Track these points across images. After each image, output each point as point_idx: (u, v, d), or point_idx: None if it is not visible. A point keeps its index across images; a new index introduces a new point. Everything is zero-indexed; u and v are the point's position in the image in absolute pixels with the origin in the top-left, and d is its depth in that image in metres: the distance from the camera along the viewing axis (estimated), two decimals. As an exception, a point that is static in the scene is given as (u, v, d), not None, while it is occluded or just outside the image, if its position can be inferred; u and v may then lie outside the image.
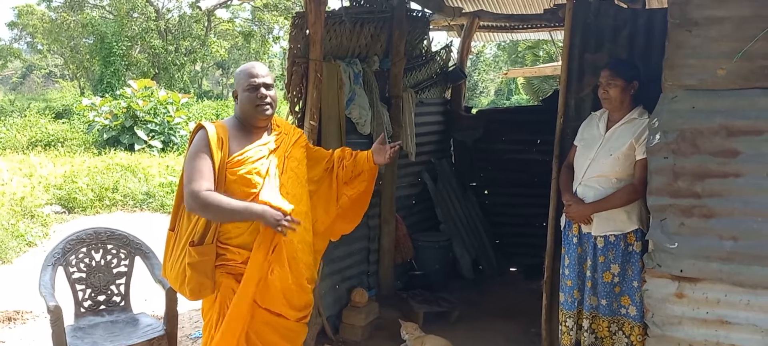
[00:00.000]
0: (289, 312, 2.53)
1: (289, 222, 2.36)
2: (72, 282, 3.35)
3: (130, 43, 23.21)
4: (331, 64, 4.02)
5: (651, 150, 2.75)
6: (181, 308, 3.40)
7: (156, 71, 24.20)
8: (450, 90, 6.04)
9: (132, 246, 3.49)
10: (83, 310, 3.36)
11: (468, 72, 7.37)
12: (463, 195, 5.85)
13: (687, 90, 2.68)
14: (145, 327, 3.27)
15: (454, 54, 6.06)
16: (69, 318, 3.12)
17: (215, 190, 2.37)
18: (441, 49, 5.83)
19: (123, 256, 3.48)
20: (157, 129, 14.80)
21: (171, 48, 24.98)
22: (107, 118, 14.89)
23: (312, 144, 3.02)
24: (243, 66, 2.59)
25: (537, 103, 13.74)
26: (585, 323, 3.16)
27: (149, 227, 7.24)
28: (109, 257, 3.45)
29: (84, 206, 8.86)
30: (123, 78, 21.54)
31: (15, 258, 6.52)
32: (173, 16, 26.53)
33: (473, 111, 6.53)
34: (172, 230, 2.58)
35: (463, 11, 5.88)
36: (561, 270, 3.26)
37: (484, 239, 5.79)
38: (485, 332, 4.29)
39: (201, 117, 17.15)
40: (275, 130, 2.62)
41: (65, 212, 8.73)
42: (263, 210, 2.35)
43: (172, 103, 15.62)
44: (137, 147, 14.11)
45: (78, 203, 8.87)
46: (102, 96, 17.48)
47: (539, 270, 3.85)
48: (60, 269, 3.29)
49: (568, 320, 3.20)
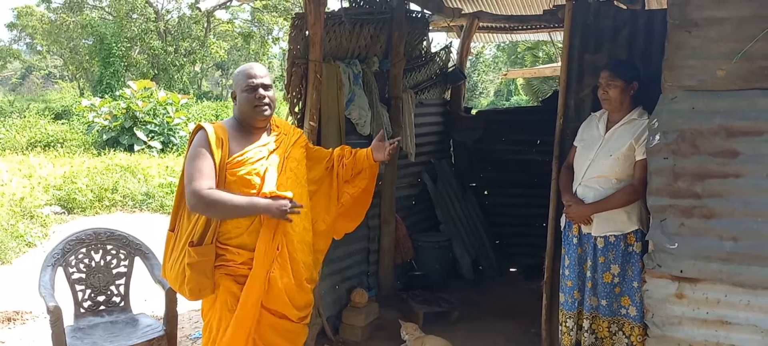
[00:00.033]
0: (292, 312, 2.54)
1: (292, 207, 2.41)
2: (72, 283, 3.34)
3: (129, 44, 23.22)
4: (331, 65, 4.03)
5: (651, 151, 2.75)
6: (181, 308, 3.41)
7: (155, 72, 24.22)
8: (449, 91, 6.05)
9: (131, 247, 3.49)
10: (83, 310, 3.36)
11: (467, 73, 7.37)
12: (463, 195, 5.85)
13: (687, 91, 2.68)
14: (145, 328, 3.27)
15: (453, 55, 6.06)
16: (69, 319, 3.12)
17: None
18: (440, 50, 5.84)
19: (123, 256, 3.48)
20: (157, 130, 14.81)
21: (170, 49, 25.00)
22: (107, 119, 14.89)
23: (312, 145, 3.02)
24: (241, 67, 2.59)
25: (537, 104, 13.73)
26: (585, 324, 3.16)
27: (149, 228, 7.24)
28: (109, 258, 3.45)
29: (83, 206, 8.86)
30: (122, 79, 21.55)
31: (14, 259, 6.51)
32: (173, 17, 26.56)
33: (473, 112, 6.54)
34: (171, 230, 2.58)
35: (463, 12, 5.87)
36: (561, 271, 3.26)
37: (484, 240, 5.79)
38: (485, 332, 4.29)
39: (200, 118, 17.15)
40: (274, 130, 2.62)
41: (65, 212, 8.73)
42: (268, 203, 2.38)
43: (171, 104, 15.62)
44: (137, 148, 14.11)
45: (77, 204, 8.87)
46: (101, 97, 17.50)
47: (539, 270, 3.86)
48: (60, 270, 3.29)
49: (568, 320, 3.20)
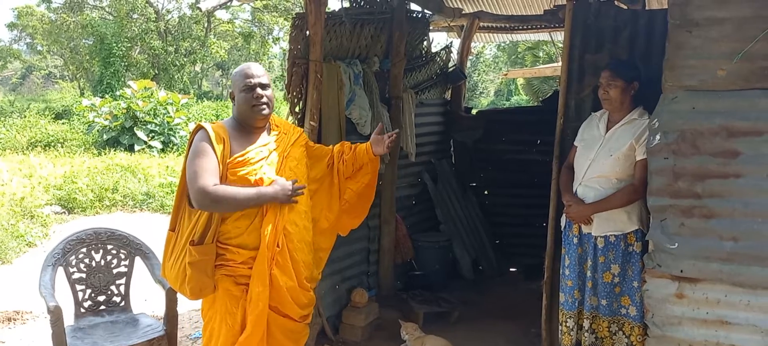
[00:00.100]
0: (294, 310, 2.54)
1: (295, 189, 2.48)
2: (72, 282, 3.35)
3: (129, 44, 23.22)
4: (331, 64, 4.03)
5: (651, 151, 2.75)
6: (181, 308, 3.41)
7: (156, 72, 24.22)
8: (450, 91, 6.04)
9: (132, 246, 3.50)
10: (83, 310, 3.36)
11: (468, 73, 7.37)
12: (463, 195, 5.85)
13: (687, 91, 2.68)
14: (145, 327, 3.27)
15: (454, 55, 6.06)
16: (69, 318, 3.12)
17: None
18: (441, 50, 5.84)
19: (123, 256, 3.48)
20: (157, 130, 14.81)
21: (171, 49, 24.99)
22: (107, 118, 14.90)
23: (312, 144, 3.02)
24: (239, 67, 2.59)
25: (537, 104, 13.73)
26: (585, 324, 3.16)
27: (149, 228, 7.24)
28: (109, 258, 3.46)
29: (84, 206, 8.86)
30: (123, 79, 21.55)
31: (15, 258, 6.52)
32: (173, 17, 26.56)
33: (473, 112, 6.53)
34: (172, 230, 2.58)
35: (463, 12, 5.88)
36: (561, 270, 3.26)
37: (484, 240, 5.79)
38: (485, 332, 4.29)
39: (201, 118, 17.15)
40: (274, 130, 2.63)
41: (65, 212, 8.73)
42: (275, 191, 2.44)
43: (171, 104, 15.63)
44: (137, 148, 14.11)
45: (78, 204, 8.87)
46: (102, 97, 17.49)
47: (539, 270, 3.85)
48: (60, 270, 3.29)
49: (568, 320, 3.20)
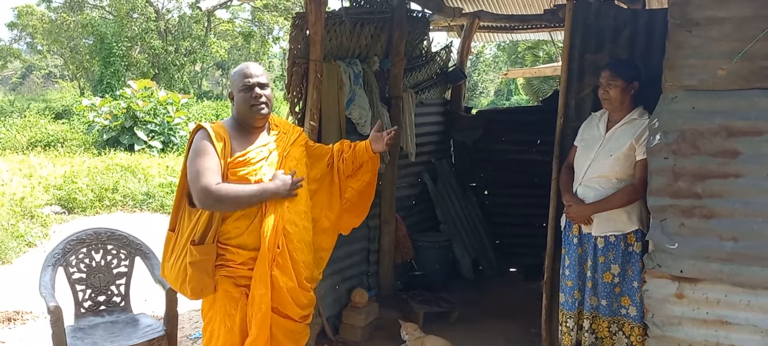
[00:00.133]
0: (295, 311, 2.54)
1: (294, 183, 2.51)
2: (72, 283, 3.35)
3: (129, 44, 23.20)
4: (332, 64, 4.02)
5: (651, 150, 2.75)
6: (181, 308, 3.41)
7: (156, 72, 24.20)
8: (450, 90, 6.04)
9: (132, 246, 3.49)
10: (83, 310, 3.36)
11: (468, 72, 7.37)
12: (463, 195, 5.85)
13: (687, 90, 2.68)
14: (145, 328, 3.27)
15: (454, 54, 6.06)
16: (69, 319, 3.13)
17: None
18: (441, 50, 5.84)
19: (123, 256, 3.48)
20: (157, 129, 14.81)
21: (171, 48, 24.98)
22: (107, 118, 14.89)
23: (312, 143, 3.02)
24: (237, 67, 2.59)
25: (537, 104, 13.74)
26: (585, 324, 3.16)
27: (149, 228, 7.24)
28: (109, 258, 3.45)
29: (84, 206, 8.86)
30: (123, 78, 21.54)
31: (15, 258, 6.52)
32: (173, 16, 26.54)
33: (473, 111, 6.53)
34: (172, 230, 2.58)
35: (463, 12, 5.88)
36: (561, 271, 3.26)
37: (484, 240, 5.79)
38: (485, 332, 4.29)
39: (201, 117, 17.15)
40: (274, 129, 2.63)
41: (65, 212, 8.73)
42: (277, 186, 2.46)
43: (171, 104, 15.63)
44: (137, 147, 14.11)
45: (78, 204, 8.87)
46: (102, 96, 17.48)
47: (539, 270, 3.85)
48: (60, 270, 3.29)
49: (568, 320, 3.20)
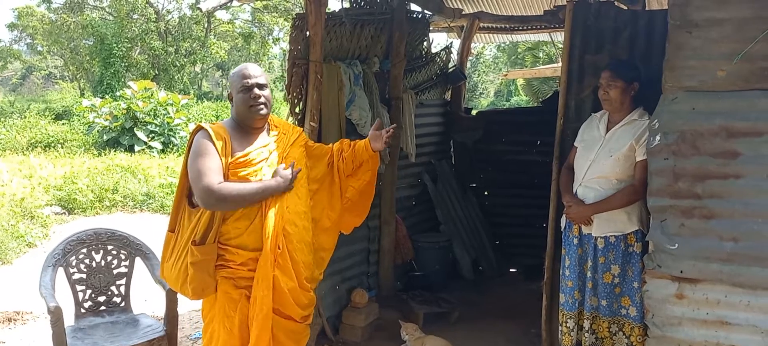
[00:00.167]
0: (296, 311, 2.55)
1: (294, 175, 2.54)
2: (72, 283, 3.35)
3: (130, 45, 23.22)
4: (332, 65, 4.03)
5: (651, 151, 2.75)
6: (181, 308, 3.41)
7: (156, 72, 24.22)
8: (450, 91, 6.05)
9: (132, 247, 3.50)
10: (83, 311, 3.36)
11: (468, 73, 7.37)
12: (463, 196, 5.85)
13: (687, 91, 2.68)
14: (146, 328, 3.27)
15: (454, 55, 6.06)
16: (69, 319, 3.13)
17: None
18: (441, 51, 5.84)
19: (123, 257, 3.48)
20: (157, 130, 14.82)
21: (171, 49, 25.00)
22: (107, 119, 14.90)
23: (312, 144, 3.02)
24: (236, 68, 2.60)
25: (537, 105, 13.73)
26: (586, 324, 3.16)
27: (149, 228, 7.24)
28: (110, 258, 3.46)
29: (84, 207, 8.86)
30: (123, 79, 21.57)
31: (15, 259, 6.52)
32: (173, 17, 26.57)
33: (473, 112, 6.54)
34: (171, 231, 2.58)
35: (463, 13, 5.88)
36: (561, 271, 3.27)
37: (484, 240, 5.79)
38: (485, 332, 4.29)
39: (201, 118, 17.17)
40: (273, 130, 2.64)
41: (65, 213, 8.73)
42: (278, 182, 2.48)
43: (172, 105, 15.63)
44: (137, 148, 14.12)
45: (78, 204, 8.87)
46: (102, 97, 17.50)
47: (539, 271, 3.86)
48: (60, 270, 3.29)
49: (569, 320, 3.20)
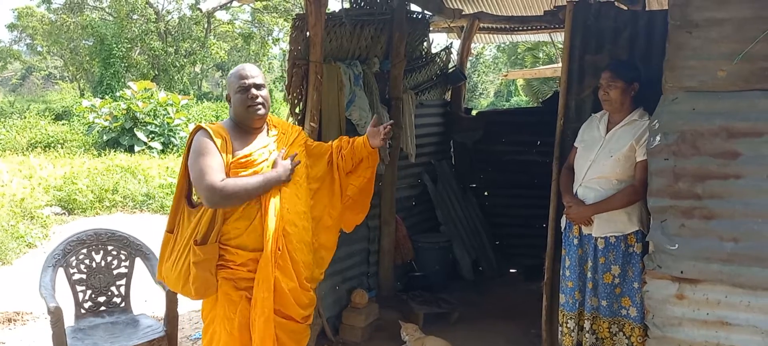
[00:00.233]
0: (297, 311, 2.55)
1: (294, 166, 2.54)
2: (72, 283, 3.34)
3: (129, 45, 23.22)
4: (332, 65, 4.03)
5: (651, 152, 2.75)
6: (181, 309, 3.41)
7: (156, 73, 24.22)
8: (450, 92, 6.05)
9: (132, 247, 3.49)
10: (83, 311, 3.36)
11: (468, 74, 7.37)
12: (463, 196, 5.85)
13: (687, 92, 2.68)
14: (146, 328, 3.27)
15: (454, 56, 6.06)
16: (69, 319, 3.12)
17: None
18: (441, 51, 5.84)
19: (123, 257, 3.48)
20: (157, 131, 14.83)
21: (171, 50, 24.99)
22: (107, 119, 14.91)
23: (311, 143, 3.02)
24: (233, 69, 2.61)
25: (537, 105, 13.74)
26: (586, 324, 3.16)
27: (149, 229, 7.23)
28: (110, 259, 3.45)
29: (84, 207, 8.86)
30: (123, 80, 21.57)
31: (15, 259, 6.52)
32: (173, 17, 26.57)
33: (473, 112, 6.54)
34: (170, 232, 2.58)
35: (463, 13, 5.88)
36: (562, 272, 3.27)
37: (484, 240, 5.79)
38: (485, 333, 4.29)
39: (201, 119, 17.17)
40: (273, 130, 2.63)
41: (65, 213, 8.73)
42: (278, 174, 2.48)
43: (171, 105, 15.64)
44: (137, 148, 14.12)
45: (78, 205, 8.87)
46: (102, 98, 17.51)
47: (539, 271, 3.85)
48: (60, 270, 3.28)
49: (569, 321, 3.20)
